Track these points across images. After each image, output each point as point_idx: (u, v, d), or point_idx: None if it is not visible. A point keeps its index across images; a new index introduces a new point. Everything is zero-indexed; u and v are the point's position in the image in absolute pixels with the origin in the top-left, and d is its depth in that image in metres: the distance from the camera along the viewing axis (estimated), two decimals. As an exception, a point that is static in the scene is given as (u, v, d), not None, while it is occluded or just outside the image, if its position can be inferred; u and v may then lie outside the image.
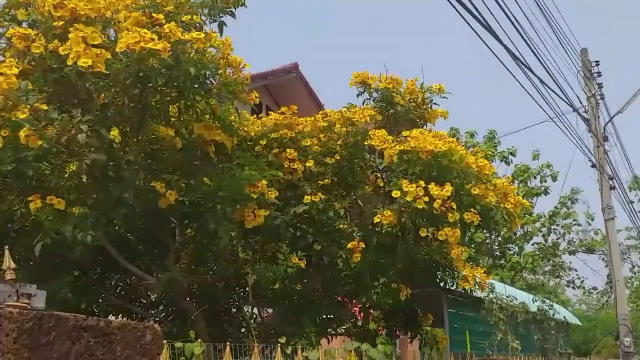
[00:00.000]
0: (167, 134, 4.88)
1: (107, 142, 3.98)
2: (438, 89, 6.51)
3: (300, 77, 13.75)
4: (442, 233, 5.55)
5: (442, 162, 5.67)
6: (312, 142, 5.98)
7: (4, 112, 3.71)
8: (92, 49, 3.66)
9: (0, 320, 2.38)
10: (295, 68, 13.55)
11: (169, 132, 4.88)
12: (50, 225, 3.92)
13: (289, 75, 13.51)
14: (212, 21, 5.17)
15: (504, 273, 19.61)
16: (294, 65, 13.61)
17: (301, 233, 5.92)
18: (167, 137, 4.60)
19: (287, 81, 13.50)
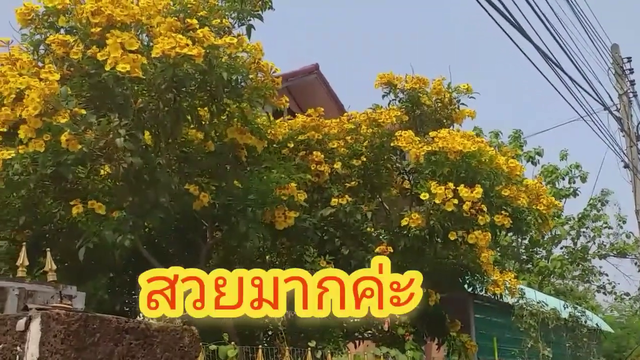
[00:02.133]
0: (197, 137, 5.09)
1: (143, 146, 4.18)
2: (466, 88, 6.61)
3: (321, 78, 13.89)
4: (472, 236, 5.63)
5: (471, 163, 5.75)
6: (339, 144, 6.13)
7: (45, 117, 3.94)
8: (129, 54, 3.86)
9: (49, 321, 2.58)
10: (316, 69, 13.70)
11: (198, 135, 5.08)
12: (91, 229, 4.12)
13: (309, 77, 13.67)
14: (241, 25, 5.37)
15: (531, 278, 19.47)
16: (315, 66, 13.76)
17: (328, 236, 6.06)
18: (199, 141, 4.80)
19: (307, 82, 13.66)
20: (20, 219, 4.61)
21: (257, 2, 5.31)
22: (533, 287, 17.09)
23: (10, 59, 4.79)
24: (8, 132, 4.47)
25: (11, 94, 4.35)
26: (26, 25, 4.66)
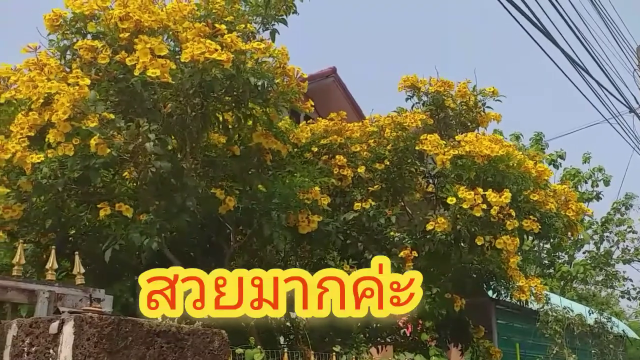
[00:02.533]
0: (220, 141, 5.11)
1: (170, 150, 4.21)
2: (491, 91, 6.54)
3: (338, 82, 13.88)
4: (500, 241, 5.58)
5: (499, 167, 5.70)
6: (362, 147, 6.11)
7: (74, 121, 3.99)
8: (157, 59, 3.90)
9: (82, 324, 2.59)
10: (333, 72, 13.70)
11: (221, 139, 5.10)
12: (118, 232, 4.16)
13: (327, 80, 13.67)
14: (265, 29, 5.40)
15: (553, 283, 19.19)
16: (332, 70, 13.76)
17: (351, 240, 6.04)
18: (224, 145, 4.82)
19: (324, 86, 13.65)
20: (46, 222, 4.67)
21: (282, 7, 5.32)
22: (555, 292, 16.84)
23: (38, 64, 4.86)
24: (36, 137, 4.54)
25: (39, 98, 4.42)
26: (54, 31, 4.73)
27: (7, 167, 4.34)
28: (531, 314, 9.90)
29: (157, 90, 4.07)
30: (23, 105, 4.94)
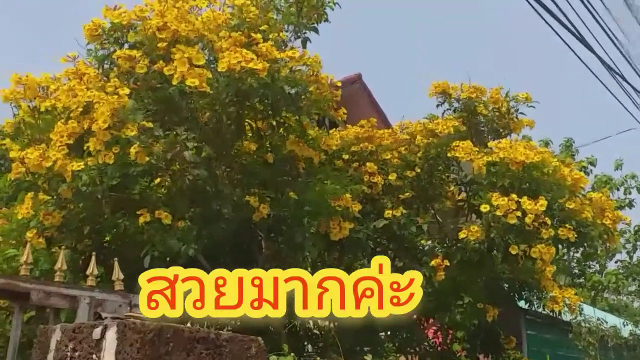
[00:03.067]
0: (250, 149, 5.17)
1: (207, 158, 4.28)
2: (525, 97, 6.48)
3: (364, 88, 13.88)
4: (535, 250, 5.51)
5: (534, 174, 5.64)
6: (392, 155, 6.11)
7: (114, 130, 4.10)
8: (195, 69, 3.98)
9: (125, 330, 2.64)
10: (359, 79, 13.71)
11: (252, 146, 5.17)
12: (157, 239, 4.25)
13: (352, 87, 13.69)
14: (297, 37, 5.46)
15: (584, 293, 18.77)
16: (358, 76, 13.78)
17: (381, 248, 6.03)
18: (257, 153, 4.88)
19: (350, 92, 13.65)
20: (84, 228, 4.79)
21: (313, 15, 5.38)
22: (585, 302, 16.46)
23: (77, 74, 5.01)
24: (74, 145, 4.67)
25: (79, 107, 4.55)
26: (93, 40, 4.87)
27: (48, 174, 4.48)
28: (562, 324, 9.71)
29: (193, 99, 4.15)
30: (62, 113, 5.09)
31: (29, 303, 3.42)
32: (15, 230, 4.87)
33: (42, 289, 3.47)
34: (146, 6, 4.58)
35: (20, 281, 3.41)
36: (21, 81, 5.31)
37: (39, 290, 3.44)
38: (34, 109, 5.38)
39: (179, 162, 4.07)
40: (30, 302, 3.41)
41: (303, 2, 5.21)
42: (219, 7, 5.14)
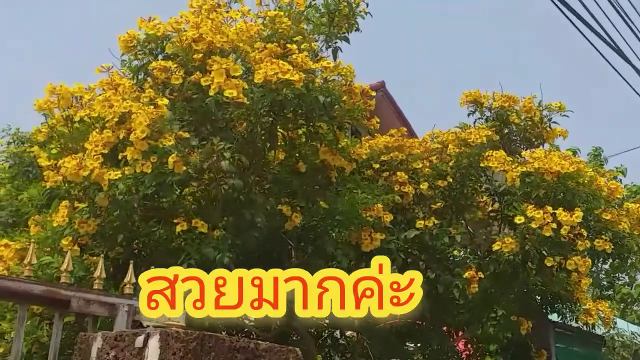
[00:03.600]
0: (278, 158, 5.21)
1: (242, 167, 4.34)
2: (558, 107, 6.43)
3: (387, 96, 13.87)
4: (571, 262, 5.46)
5: (569, 184, 5.58)
6: (424, 164, 6.09)
7: (151, 140, 4.18)
8: (232, 80, 4.04)
9: (167, 338, 2.67)
10: (382, 86, 13.70)
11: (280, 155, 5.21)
12: (193, 247, 4.30)
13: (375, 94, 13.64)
14: (327, 47, 5.50)
15: (613, 305, 18.38)
16: (381, 84, 13.78)
17: (412, 259, 5.99)
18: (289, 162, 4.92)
19: (373, 100, 13.63)
20: (118, 236, 4.87)
21: (344, 25, 5.42)
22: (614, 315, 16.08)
23: (112, 84, 5.12)
24: (109, 154, 4.77)
25: (115, 117, 4.65)
26: (128, 51, 4.98)
27: (84, 183, 4.57)
28: (593, 338, 9.52)
29: (229, 110, 4.21)
30: (96, 123, 5.21)
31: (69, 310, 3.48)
32: (50, 238, 4.97)
33: (82, 297, 3.53)
34: (181, 18, 4.68)
35: (61, 289, 3.47)
36: (55, 91, 5.45)
37: (79, 298, 3.50)
38: (67, 118, 5.51)
39: (215, 172, 4.12)
40: (70, 310, 3.47)
41: (335, 12, 5.26)
42: (251, 19, 5.23)
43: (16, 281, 3.30)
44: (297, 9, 5.18)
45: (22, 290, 3.28)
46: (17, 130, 8.70)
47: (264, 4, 5.49)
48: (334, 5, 5.27)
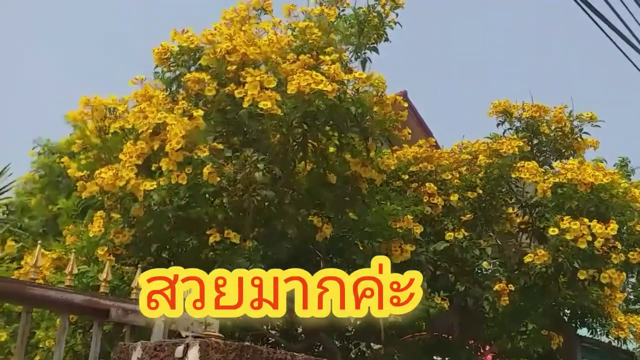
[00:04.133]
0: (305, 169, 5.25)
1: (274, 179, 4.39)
2: (589, 117, 6.37)
3: (409, 106, 13.83)
4: (605, 275, 5.38)
5: (602, 196, 5.51)
6: (453, 175, 6.08)
7: (185, 151, 4.26)
8: (265, 91, 4.11)
9: (207, 349, 2.70)
10: (404, 96, 13.69)
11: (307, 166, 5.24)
12: (225, 258, 4.35)
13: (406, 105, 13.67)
14: (356, 57, 5.55)
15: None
16: (403, 93, 13.76)
17: (441, 271, 5.97)
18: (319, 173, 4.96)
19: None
20: (151, 246, 4.95)
21: (373, 35, 5.47)
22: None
23: (146, 96, 5.24)
24: (143, 165, 4.86)
25: (149, 128, 4.75)
26: (161, 63, 5.09)
27: (120, 193, 4.67)
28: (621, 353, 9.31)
29: (263, 121, 4.27)
30: (130, 134, 5.32)
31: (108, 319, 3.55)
32: (86, 247, 5.08)
33: (121, 306, 3.59)
34: (215, 30, 4.77)
35: (100, 298, 3.54)
36: (89, 103, 5.59)
37: (117, 308, 3.56)
38: (101, 129, 5.64)
39: (248, 183, 4.17)
40: (109, 319, 3.54)
41: (364, 23, 5.30)
42: (281, 30, 5.31)
43: (59, 291, 3.38)
44: (328, 20, 5.23)
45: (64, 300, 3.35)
46: (48, 141, 8.91)
47: (293, 15, 5.58)
48: (363, 16, 5.31)
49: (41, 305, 3.56)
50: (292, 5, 5.48)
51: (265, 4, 5.29)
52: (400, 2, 5.32)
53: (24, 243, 7.98)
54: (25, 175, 8.86)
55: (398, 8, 5.34)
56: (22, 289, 3.11)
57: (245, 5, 5.28)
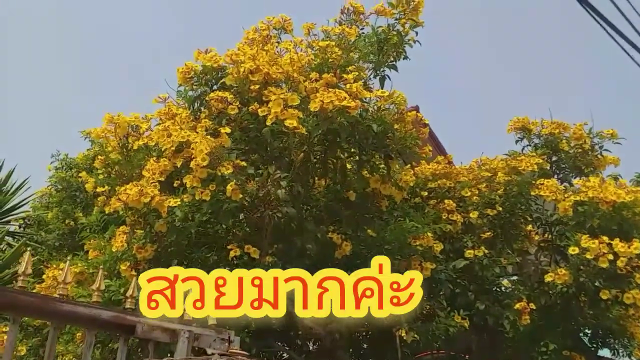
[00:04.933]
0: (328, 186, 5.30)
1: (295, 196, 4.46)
2: (610, 134, 6.37)
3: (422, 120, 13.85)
4: (628, 295, 5.34)
5: (624, 214, 5.49)
6: (472, 192, 6.10)
7: (210, 168, 4.35)
8: (289, 109, 4.20)
9: (233, 366, 2.75)
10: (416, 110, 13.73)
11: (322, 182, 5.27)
12: (245, 274, 4.40)
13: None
14: (375, 75, 5.63)
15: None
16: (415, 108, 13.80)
17: (460, 289, 5.95)
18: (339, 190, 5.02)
19: (407, 124, 13.69)
20: (172, 261, 5.02)
21: (392, 53, 5.55)
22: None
23: (169, 114, 5.36)
24: (165, 181, 4.97)
25: (172, 146, 4.86)
26: (185, 82, 5.23)
27: (144, 209, 4.76)
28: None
29: (284, 139, 4.35)
30: (153, 151, 5.43)
31: (134, 335, 3.61)
32: (108, 262, 5.17)
33: (146, 322, 3.64)
34: (238, 50, 4.89)
35: (127, 314, 3.60)
36: (113, 120, 5.73)
37: (143, 324, 3.62)
38: (123, 146, 5.77)
39: (270, 200, 4.25)
40: (135, 335, 3.59)
41: (384, 42, 5.40)
42: (301, 49, 5.42)
43: (87, 307, 3.45)
44: (348, 39, 5.34)
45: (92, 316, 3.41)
46: (66, 156, 9.09)
47: (312, 34, 5.70)
48: (383, 35, 5.41)
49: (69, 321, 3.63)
50: (311, 24, 5.62)
51: (285, 24, 5.42)
52: (420, 22, 5.42)
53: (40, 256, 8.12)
54: (42, 189, 9.02)
55: (418, 27, 5.43)
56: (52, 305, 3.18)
57: (266, 24, 5.41)
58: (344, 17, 5.58)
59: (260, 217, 4.26)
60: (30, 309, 3.04)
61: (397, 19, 5.40)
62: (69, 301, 3.51)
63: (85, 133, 8.25)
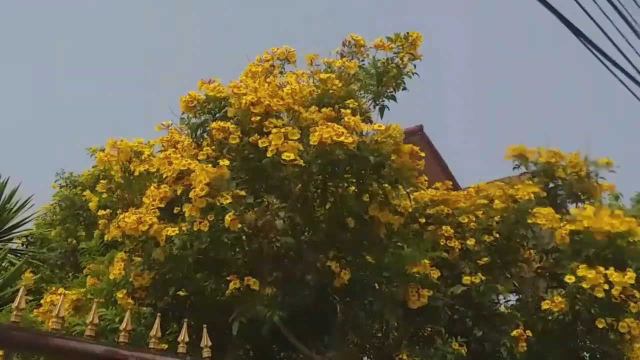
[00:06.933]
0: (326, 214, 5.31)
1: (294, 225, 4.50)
2: (605, 162, 6.43)
3: (425, 140, 13.88)
4: (623, 324, 5.36)
5: (619, 243, 5.52)
6: (470, 218, 6.13)
7: (209, 197, 4.40)
8: (289, 142, 4.26)
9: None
10: (420, 130, 13.76)
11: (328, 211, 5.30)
12: (245, 305, 4.43)
13: (413, 138, 13.72)
14: (375, 105, 5.71)
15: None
16: (419, 128, 13.83)
17: (458, 316, 5.95)
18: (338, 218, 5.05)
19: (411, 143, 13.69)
20: (170, 289, 5.04)
21: (392, 84, 5.63)
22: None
23: (171, 141, 5.43)
24: (165, 208, 5.01)
25: (173, 174, 4.91)
26: (188, 111, 5.31)
27: (142, 237, 4.80)
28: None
29: (284, 170, 4.40)
30: (154, 177, 5.49)
31: (127, 369, 3.61)
32: (105, 289, 5.17)
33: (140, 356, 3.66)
34: (241, 82, 4.98)
35: (120, 348, 3.62)
36: (116, 145, 5.80)
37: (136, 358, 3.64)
38: (126, 170, 5.83)
39: (269, 230, 4.28)
40: (128, 369, 3.60)
41: (383, 74, 5.48)
42: (303, 80, 5.50)
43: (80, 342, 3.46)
44: (347, 71, 5.42)
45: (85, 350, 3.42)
46: (70, 174, 9.14)
47: (315, 64, 5.78)
48: (382, 68, 5.49)
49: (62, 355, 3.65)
50: (314, 54, 5.71)
51: (289, 55, 5.52)
52: (419, 55, 5.50)
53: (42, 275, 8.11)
54: (46, 206, 9.05)
55: (416, 60, 5.51)
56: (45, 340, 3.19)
57: (271, 55, 5.51)
58: (346, 49, 5.69)
59: (259, 246, 4.29)
60: (23, 344, 3.05)
61: (395, 52, 5.49)
62: (62, 336, 3.52)
63: (91, 150, 8.33)
